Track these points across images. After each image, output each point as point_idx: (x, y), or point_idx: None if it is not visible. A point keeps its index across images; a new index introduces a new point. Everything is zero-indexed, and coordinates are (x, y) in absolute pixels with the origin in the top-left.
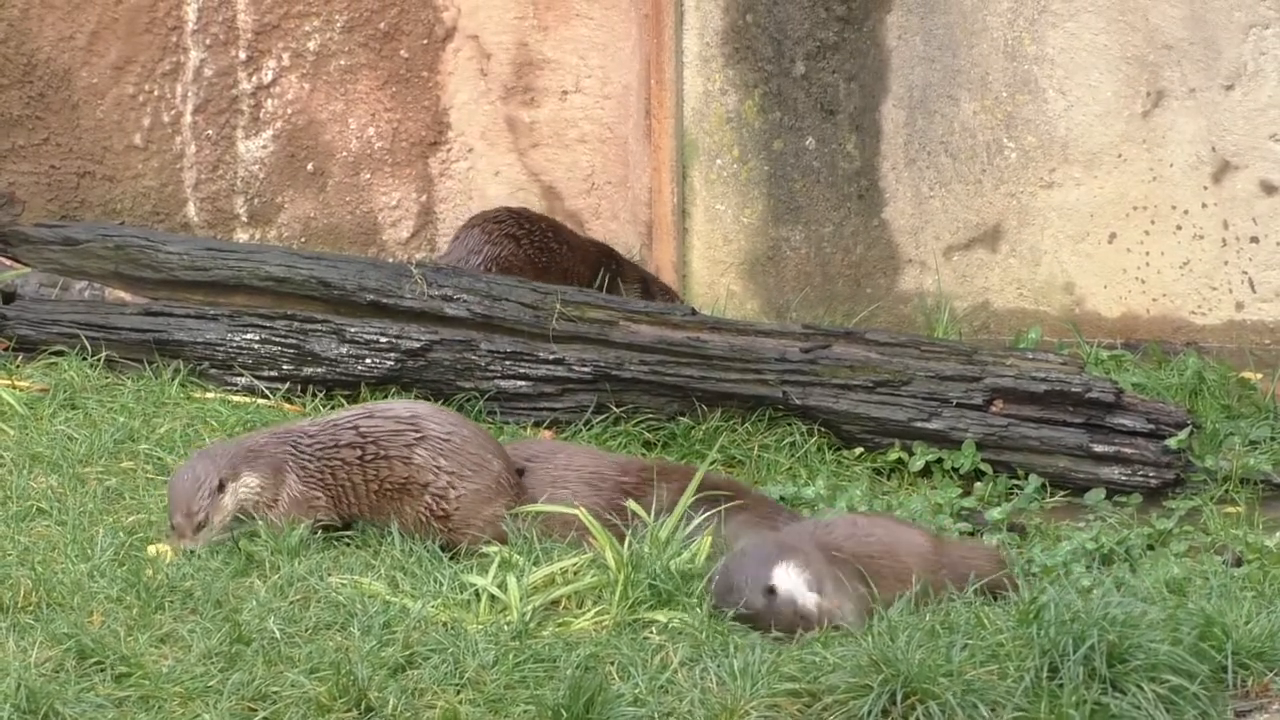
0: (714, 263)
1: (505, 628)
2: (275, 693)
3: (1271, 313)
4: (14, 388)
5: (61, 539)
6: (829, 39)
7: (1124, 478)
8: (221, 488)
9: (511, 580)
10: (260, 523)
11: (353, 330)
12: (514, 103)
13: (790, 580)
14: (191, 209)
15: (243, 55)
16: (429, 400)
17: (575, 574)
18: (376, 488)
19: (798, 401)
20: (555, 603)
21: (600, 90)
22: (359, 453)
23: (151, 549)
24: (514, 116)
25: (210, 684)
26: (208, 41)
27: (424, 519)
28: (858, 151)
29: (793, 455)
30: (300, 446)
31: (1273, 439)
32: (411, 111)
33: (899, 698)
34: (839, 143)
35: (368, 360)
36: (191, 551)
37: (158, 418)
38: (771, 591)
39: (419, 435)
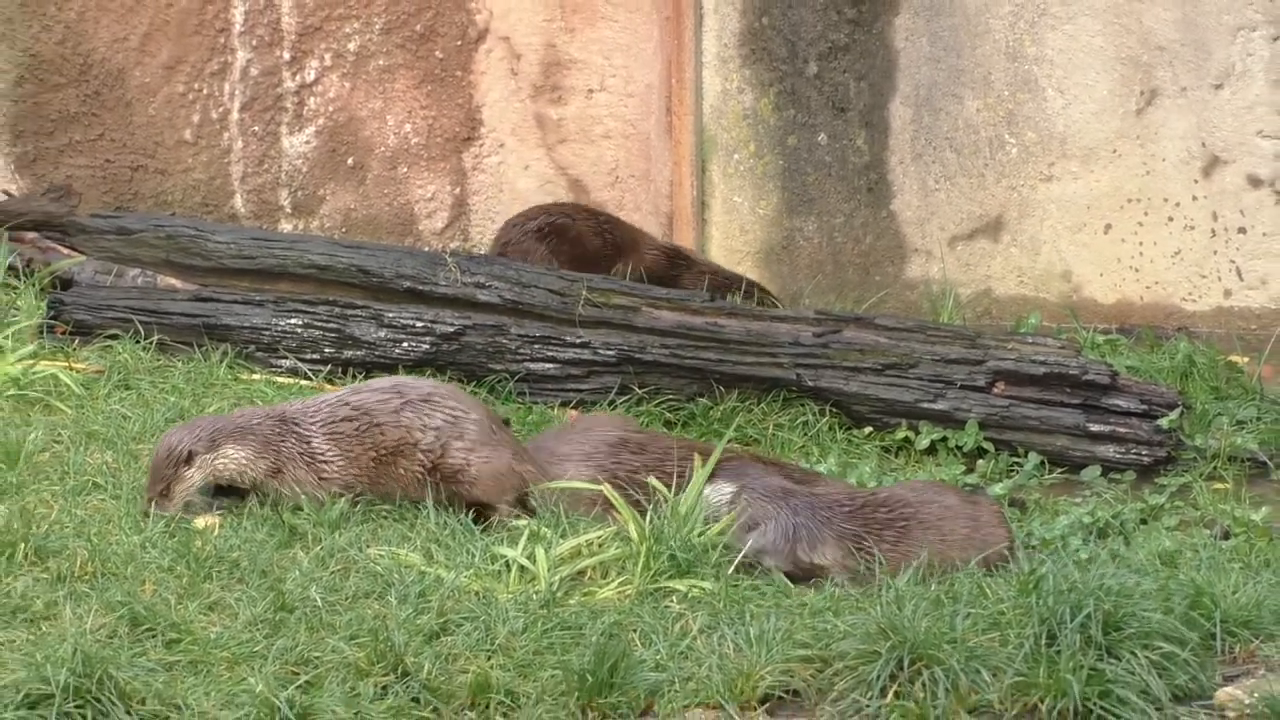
0: (731, 252)
1: (534, 597)
2: (317, 657)
3: (1258, 299)
4: (71, 369)
5: (116, 512)
6: (840, 40)
7: (1118, 456)
8: (189, 460)
9: (540, 552)
10: (268, 488)
11: (390, 315)
12: (542, 100)
13: None
14: (239, 201)
15: (287, 55)
16: (462, 382)
17: (600, 546)
18: (374, 455)
19: (810, 383)
20: (581, 573)
21: (624, 89)
22: (355, 424)
23: (199, 522)
24: (543, 113)
25: (256, 649)
26: (254, 42)
27: (420, 476)
28: (867, 147)
29: (805, 434)
30: (301, 423)
31: (1259, 419)
32: (446, 109)
33: (906, 663)
34: (849, 138)
35: (405, 344)
36: (161, 516)
37: (207, 398)
38: None
39: (403, 400)
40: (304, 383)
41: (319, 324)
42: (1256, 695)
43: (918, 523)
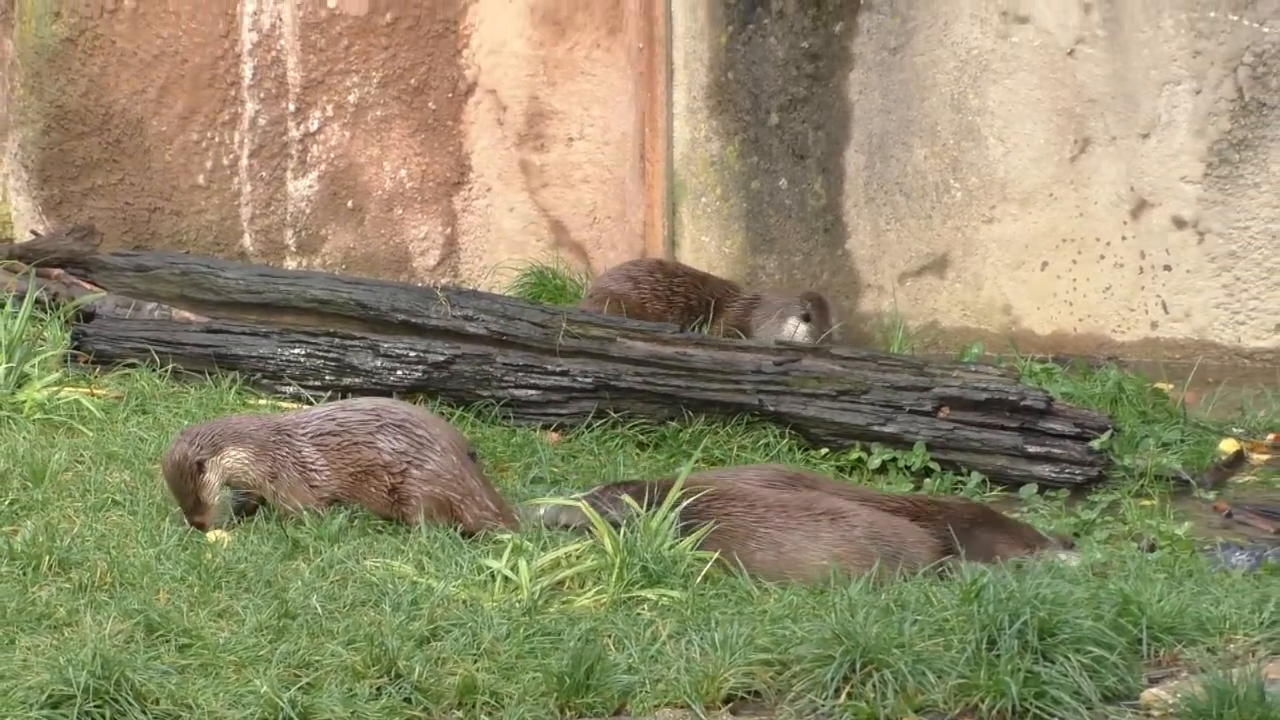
0: None
1: (517, 605)
2: (317, 661)
3: (1182, 331)
4: (93, 395)
5: (133, 527)
6: (799, 93)
7: (1053, 475)
8: (201, 468)
9: (522, 564)
10: (265, 490)
11: (386, 345)
12: (526, 148)
13: None
14: (248, 240)
15: (292, 107)
16: (452, 407)
17: (578, 558)
18: (352, 471)
19: (771, 408)
20: (560, 583)
21: (601, 137)
22: (339, 439)
23: (211, 535)
24: (526, 160)
25: (261, 653)
26: (262, 95)
27: (384, 496)
28: (824, 191)
29: (767, 455)
30: (293, 433)
31: (1182, 441)
32: (438, 156)
33: (858, 666)
34: (808, 183)
35: (399, 372)
36: (203, 526)
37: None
38: None
39: (380, 423)
40: (306, 408)
41: (320, 353)
42: (1179, 696)
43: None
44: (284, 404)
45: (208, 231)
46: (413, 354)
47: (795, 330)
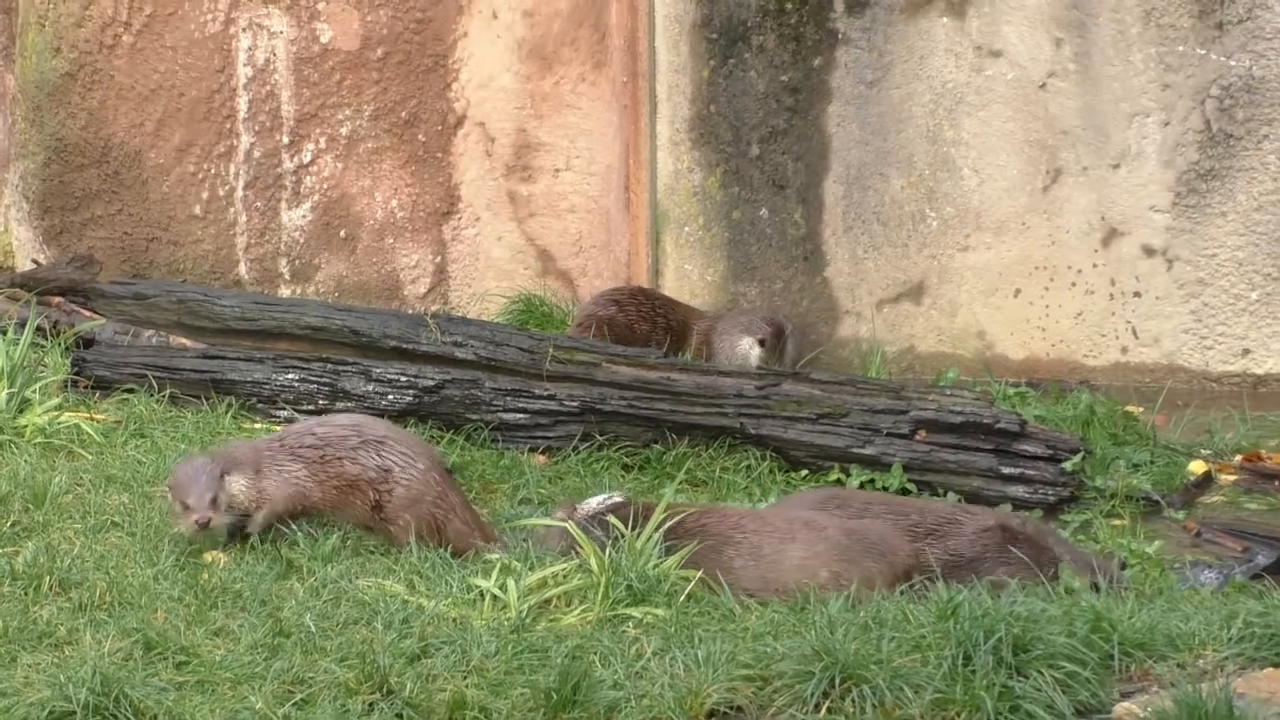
0: None
1: (505, 623)
2: (311, 678)
3: (1151, 356)
4: (92, 419)
5: (131, 548)
6: (779, 125)
7: (1027, 495)
8: (226, 474)
9: (511, 583)
10: (257, 514)
11: (378, 371)
12: (514, 179)
13: None
14: (243, 268)
15: (286, 139)
16: (442, 431)
17: (565, 577)
18: (336, 484)
19: (753, 431)
20: (548, 602)
21: (587, 168)
22: (320, 453)
23: (208, 556)
24: (514, 190)
25: (256, 670)
26: (256, 128)
27: (367, 511)
28: (804, 220)
29: (749, 476)
30: (276, 451)
31: (1152, 462)
32: (428, 186)
33: (837, 682)
34: (788, 213)
35: (390, 396)
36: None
37: (213, 445)
38: None
39: (361, 440)
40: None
41: (314, 379)
42: (1150, 710)
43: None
44: (278, 428)
45: (204, 260)
46: (404, 379)
47: (749, 353)
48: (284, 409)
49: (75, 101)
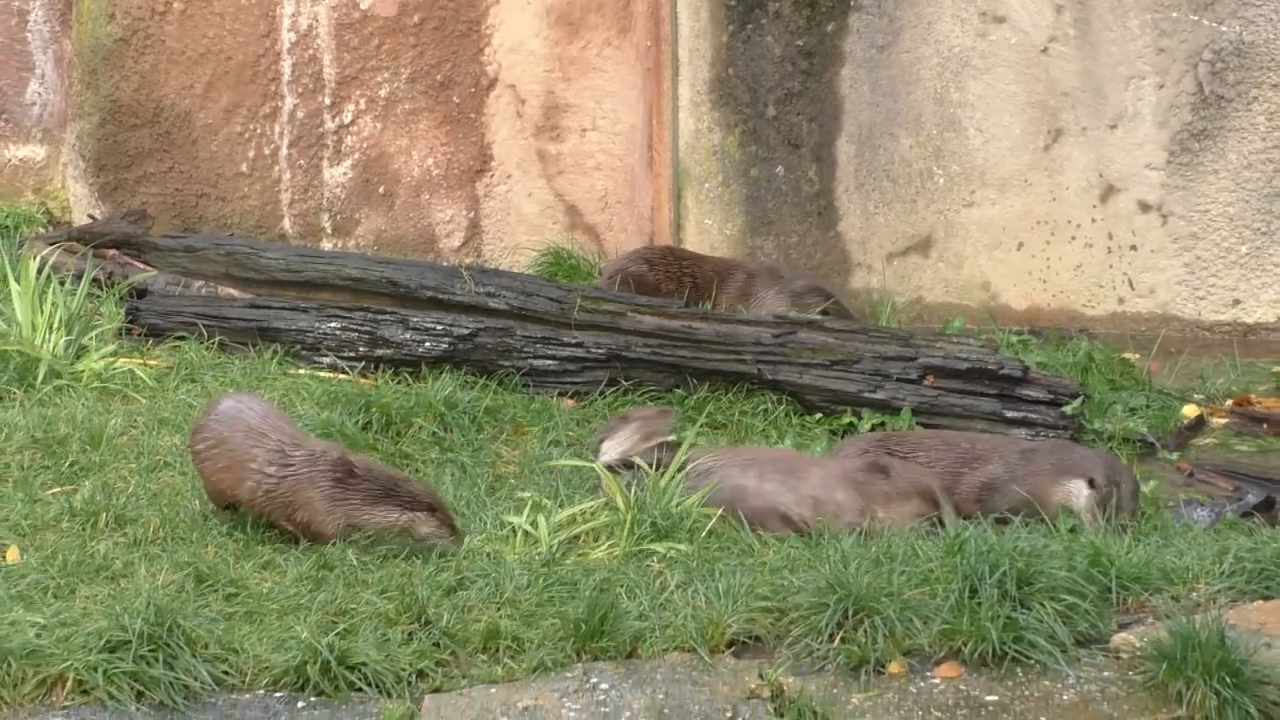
0: None
1: (536, 558)
2: (353, 609)
3: (1146, 306)
4: (145, 365)
5: (183, 486)
6: (795, 88)
7: (1029, 437)
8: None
9: (542, 520)
10: None
11: (415, 320)
12: (543, 138)
13: None
14: (287, 223)
15: (328, 101)
16: (475, 376)
17: (593, 514)
18: None
19: (770, 377)
20: (576, 537)
21: (612, 128)
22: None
23: None
24: (543, 149)
25: (301, 602)
26: (300, 90)
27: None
28: (817, 178)
29: (766, 420)
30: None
31: (1148, 406)
32: (462, 145)
33: (850, 613)
34: (802, 170)
35: (427, 344)
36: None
37: (260, 389)
38: None
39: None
40: (341, 376)
41: (355, 327)
42: (1146, 640)
43: None
44: (321, 374)
45: (250, 216)
46: (439, 327)
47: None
48: (326, 356)
49: (128, 65)
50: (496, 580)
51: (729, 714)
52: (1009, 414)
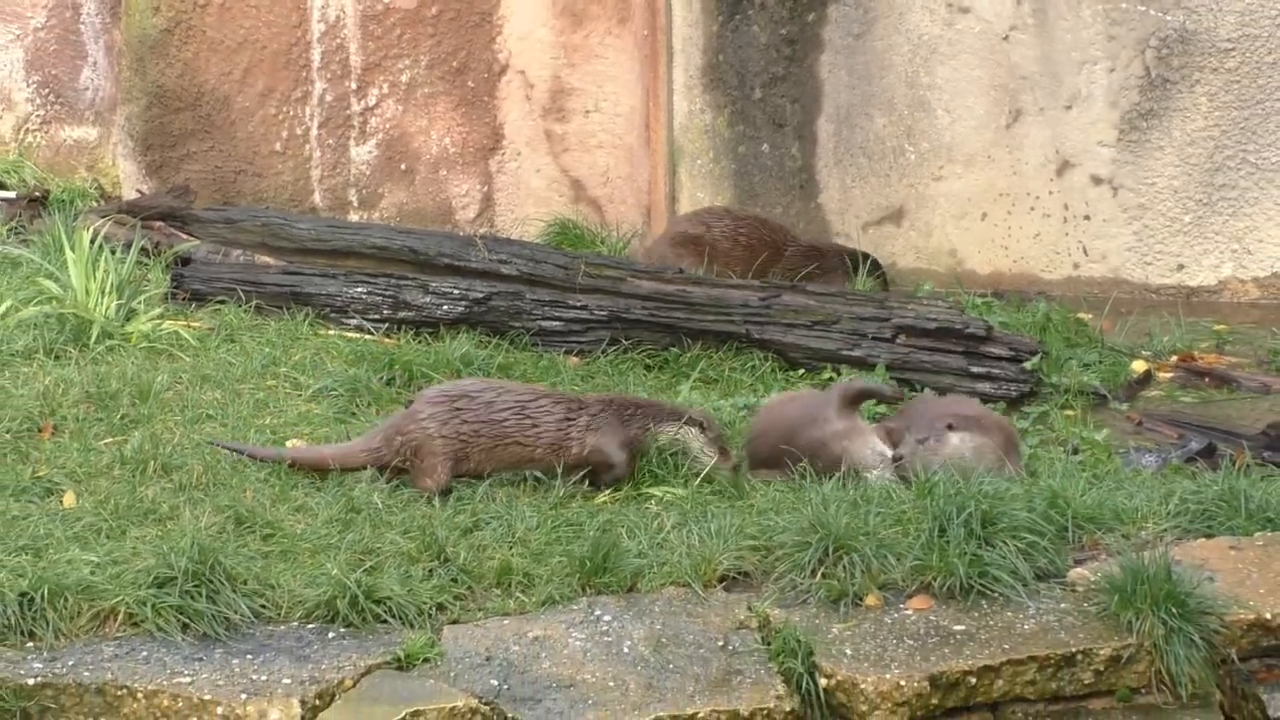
0: None
1: (545, 501)
2: (379, 548)
3: (1099, 270)
4: (189, 327)
5: (224, 436)
6: (779, 72)
7: (993, 390)
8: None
9: None
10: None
11: (434, 285)
12: (550, 119)
13: None
14: (317, 197)
15: (354, 85)
16: (488, 336)
17: None
18: None
19: (757, 336)
20: (581, 482)
21: (613, 110)
22: None
23: (290, 444)
24: (550, 129)
25: (331, 541)
26: (329, 76)
27: None
28: (800, 154)
29: (753, 375)
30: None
31: (1100, 362)
32: (476, 126)
33: (830, 550)
34: (786, 148)
35: (445, 307)
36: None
37: (293, 348)
38: None
39: None
40: (367, 336)
41: (379, 292)
42: (1099, 574)
43: None
44: (349, 334)
45: (284, 190)
46: (456, 292)
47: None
48: (354, 318)
49: (173, 54)
50: (509, 522)
51: (720, 643)
52: (974, 369)
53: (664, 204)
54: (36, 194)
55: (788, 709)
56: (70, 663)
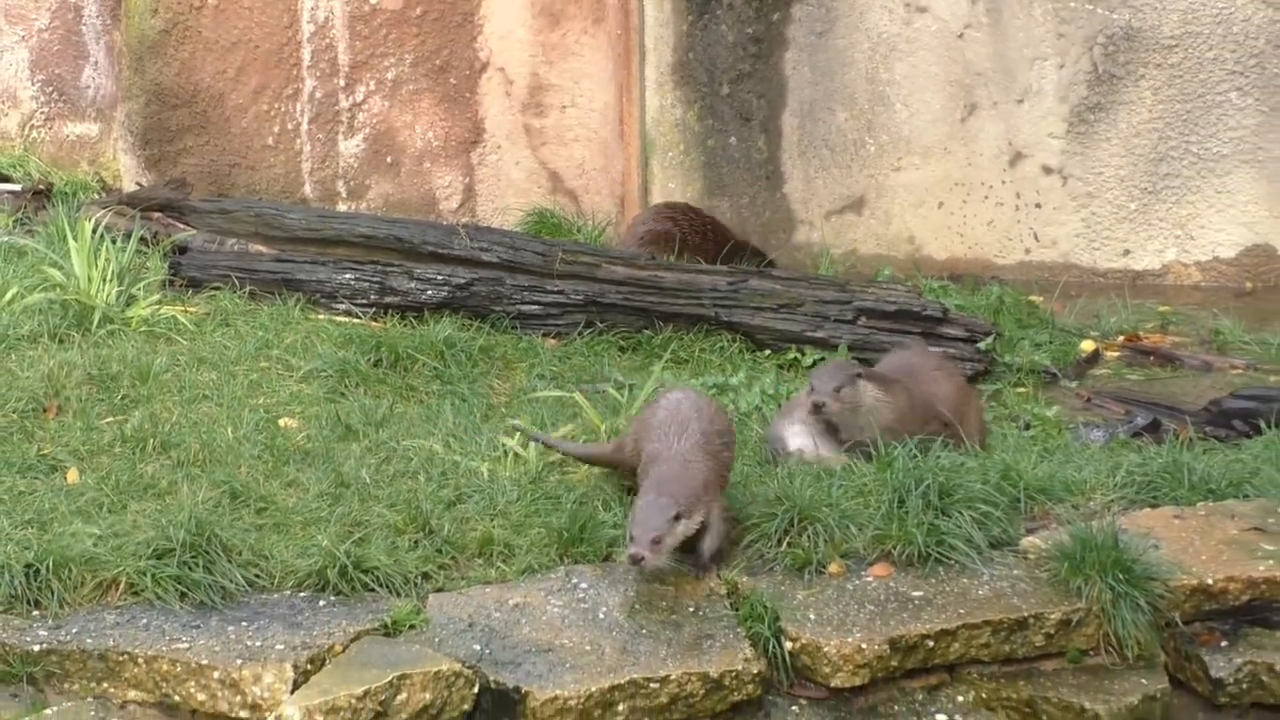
0: None
1: (525, 476)
2: (367, 520)
3: (1049, 255)
4: (187, 312)
5: (219, 415)
6: (745, 69)
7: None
8: (677, 519)
9: (530, 443)
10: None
11: (419, 271)
12: (529, 114)
13: None
14: (308, 189)
15: (342, 83)
16: (471, 320)
17: (574, 437)
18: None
19: (725, 319)
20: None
21: (589, 105)
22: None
23: (282, 422)
24: (529, 123)
25: (322, 515)
26: (318, 74)
27: None
28: (766, 147)
29: (722, 356)
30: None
31: (1050, 342)
32: (458, 121)
33: (795, 521)
34: (753, 141)
35: (429, 292)
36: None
37: (285, 332)
38: None
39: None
40: (355, 320)
41: (366, 278)
42: (1050, 542)
43: None
44: (338, 319)
45: (276, 182)
46: (440, 278)
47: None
48: (343, 303)
49: (170, 53)
50: (490, 495)
51: (692, 609)
52: (932, 349)
53: (637, 195)
54: (41, 187)
55: (755, 671)
56: (74, 630)
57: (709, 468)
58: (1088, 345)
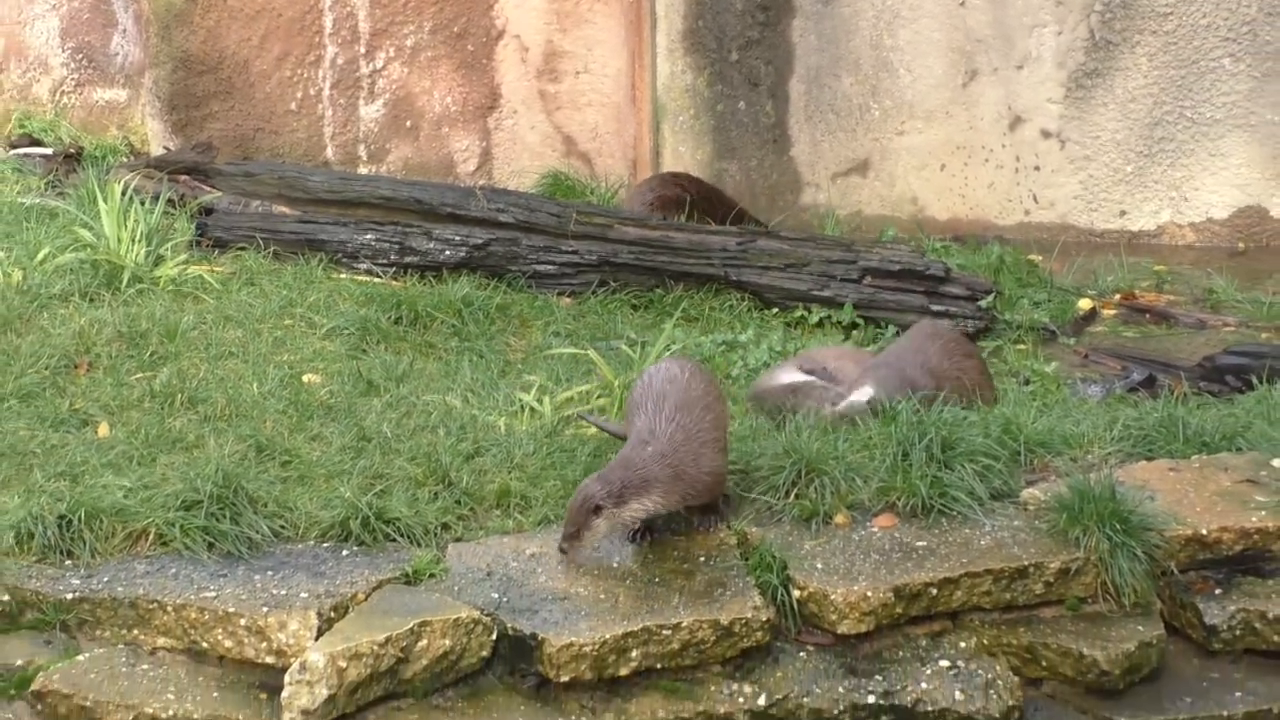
0: None
1: (541, 430)
2: (388, 473)
3: (1048, 216)
4: (213, 271)
5: (245, 372)
6: (754, 36)
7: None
8: (598, 511)
9: (546, 397)
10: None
11: (437, 232)
12: (544, 80)
13: None
14: (330, 152)
15: (363, 49)
16: (489, 279)
17: (589, 394)
18: None
19: (734, 278)
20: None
21: (601, 71)
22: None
23: (306, 378)
24: (544, 89)
25: (344, 467)
26: (339, 41)
27: None
28: (773, 111)
29: (731, 314)
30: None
31: (1049, 300)
32: (475, 86)
33: (803, 473)
34: (761, 106)
35: (447, 252)
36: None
37: (308, 291)
38: None
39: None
40: (375, 279)
41: (387, 239)
42: (1049, 494)
43: None
44: (359, 278)
45: (299, 146)
46: (458, 238)
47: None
48: (364, 263)
49: (196, 22)
50: (508, 448)
51: (703, 559)
52: (934, 307)
53: (648, 158)
54: (71, 151)
55: (764, 619)
56: (105, 579)
57: (677, 441)
58: (1085, 303)
